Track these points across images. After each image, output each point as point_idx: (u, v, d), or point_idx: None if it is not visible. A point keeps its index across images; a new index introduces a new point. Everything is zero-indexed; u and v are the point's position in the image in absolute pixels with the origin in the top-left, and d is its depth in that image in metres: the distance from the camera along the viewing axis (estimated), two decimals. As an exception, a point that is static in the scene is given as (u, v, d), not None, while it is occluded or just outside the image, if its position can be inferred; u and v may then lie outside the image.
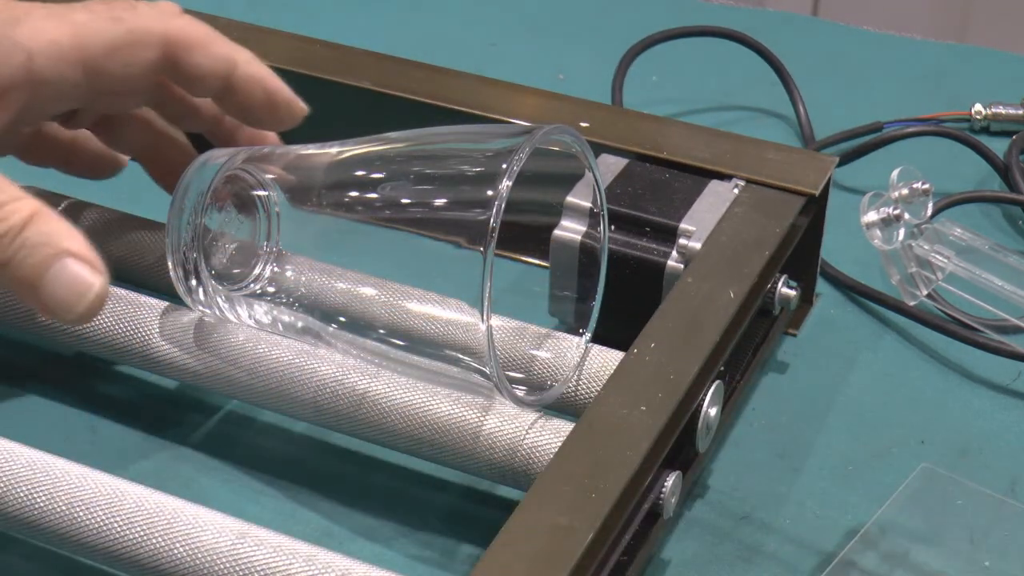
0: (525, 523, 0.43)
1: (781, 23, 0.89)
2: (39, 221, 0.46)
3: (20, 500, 0.47)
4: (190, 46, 0.53)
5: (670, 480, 0.48)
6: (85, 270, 0.45)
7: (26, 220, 0.45)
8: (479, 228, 0.46)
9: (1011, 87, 0.80)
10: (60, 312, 0.46)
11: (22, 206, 0.46)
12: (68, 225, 0.46)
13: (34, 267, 0.45)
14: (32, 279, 0.45)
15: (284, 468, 0.55)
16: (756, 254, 0.54)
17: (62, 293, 0.45)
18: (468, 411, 0.50)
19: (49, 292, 0.45)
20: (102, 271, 0.46)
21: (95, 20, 0.51)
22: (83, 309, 0.46)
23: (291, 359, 0.52)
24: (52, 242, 0.45)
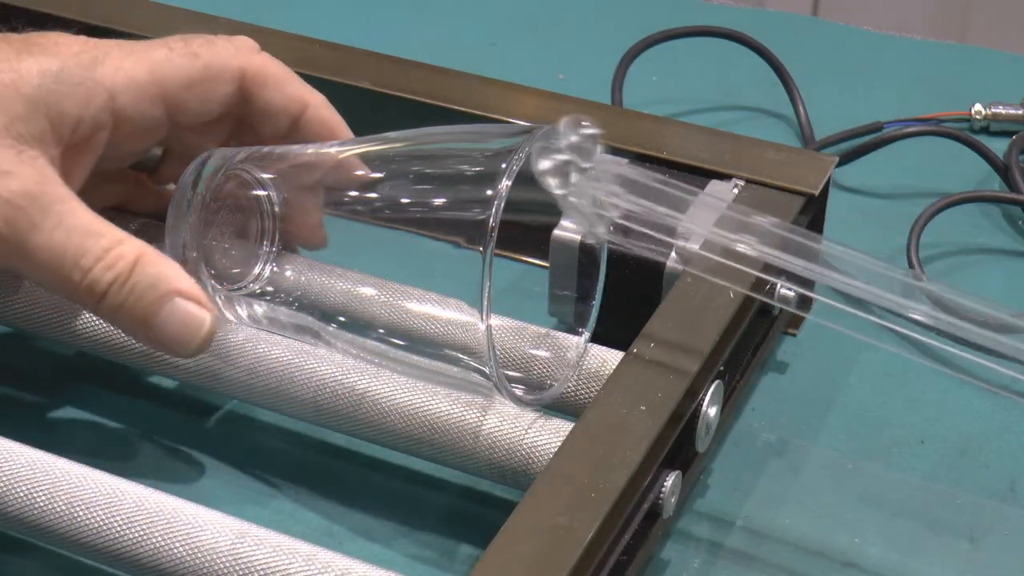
0: (525, 523, 0.43)
1: (781, 23, 0.89)
2: (146, 263, 0.48)
3: (20, 500, 0.47)
4: (265, 82, 0.54)
5: (670, 480, 0.48)
6: (193, 308, 0.48)
7: (132, 264, 0.47)
8: (478, 228, 0.46)
9: (1011, 87, 0.80)
10: (175, 349, 0.48)
11: (127, 250, 0.48)
12: (173, 264, 0.48)
13: (145, 310, 0.48)
14: (144, 321, 0.48)
15: (284, 468, 0.55)
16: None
17: (175, 332, 0.48)
18: (468, 411, 0.50)
19: (163, 332, 0.48)
20: (209, 307, 0.48)
21: (173, 56, 0.52)
22: (197, 345, 0.48)
23: (291, 359, 0.52)
24: (161, 284, 0.48)
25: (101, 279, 0.47)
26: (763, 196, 0.58)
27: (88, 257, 0.47)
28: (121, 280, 0.47)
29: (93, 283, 0.47)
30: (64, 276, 0.47)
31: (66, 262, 0.47)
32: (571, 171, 0.48)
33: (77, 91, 0.49)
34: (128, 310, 0.48)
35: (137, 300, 0.47)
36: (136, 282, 0.47)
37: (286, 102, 0.54)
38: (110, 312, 0.48)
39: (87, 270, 0.47)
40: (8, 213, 0.47)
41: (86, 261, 0.47)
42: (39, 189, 0.47)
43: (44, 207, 0.47)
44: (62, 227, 0.47)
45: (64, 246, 0.47)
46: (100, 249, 0.47)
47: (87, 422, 0.57)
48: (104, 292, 0.47)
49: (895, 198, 0.73)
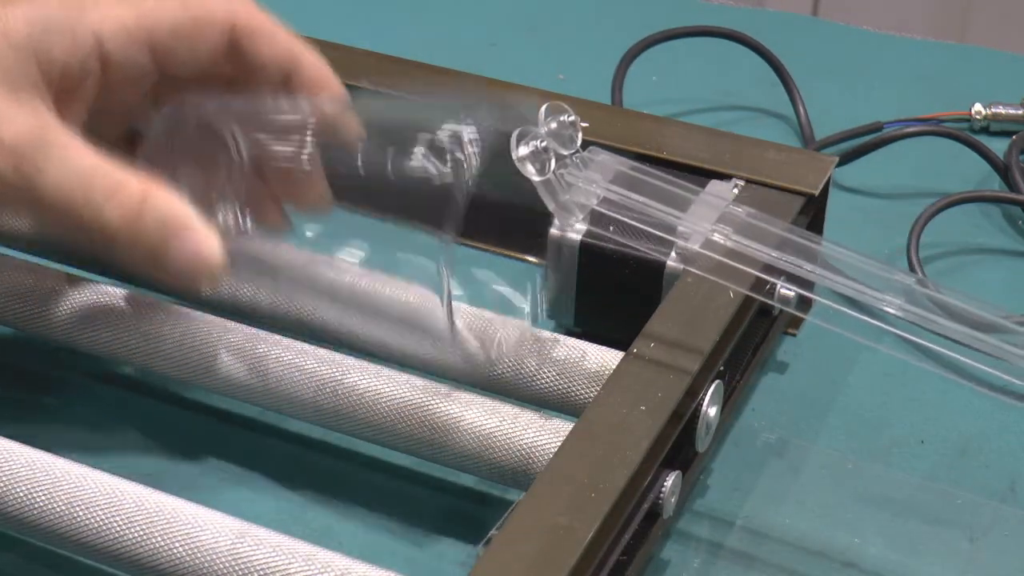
0: (525, 523, 0.43)
1: (781, 23, 0.89)
2: (153, 200, 0.48)
3: (20, 500, 0.47)
4: (254, 33, 0.53)
5: (670, 480, 0.48)
6: (203, 241, 0.48)
7: (140, 202, 0.47)
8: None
9: (1011, 87, 0.80)
10: (187, 283, 0.49)
11: (134, 188, 0.47)
12: (180, 200, 0.48)
13: (156, 246, 0.48)
14: (155, 257, 0.48)
15: (284, 468, 0.55)
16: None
17: (185, 266, 0.48)
18: (468, 411, 0.50)
19: (174, 267, 0.48)
20: (217, 240, 0.48)
21: (162, 4, 0.52)
22: (207, 279, 0.48)
23: (291, 359, 0.52)
24: (169, 220, 0.48)
25: (110, 218, 0.47)
26: (763, 196, 0.58)
27: (96, 197, 0.47)
28: (130, 217, 0.47)
29: (103, 223, 0.47)
30: (74, 217, 0.47)
31: (75, 203, 0.47)
32: (550, 158, 0.48)
33: (65, 37, 0.49)
34: (139, 247, 0.48)
35: (148, 237, 0.47)
36: (145, 219, 0.47)
37: (276, 53, 0.53)
38: (121, 250, 0.48)
39: (97, 209, 0.47)
40: (13, 159, 0.47)
41: (94, 201, 0.47)
42: (40, 133, 0.47)
43: (47, 151, 0.47)
44: (67, 169, 0.47)
45: (72, 187, 0.47)
46: (107, 188, 0.47)
47: (87, 422, 0.57)
48: (114, 231, 0.47)
49: (895, 198, 0.73)
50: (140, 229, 0.47)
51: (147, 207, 0.47)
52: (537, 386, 0.52)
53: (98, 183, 0.47)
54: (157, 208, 0.48)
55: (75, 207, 0.47)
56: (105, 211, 0.47)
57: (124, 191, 0.47)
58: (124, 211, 0.47)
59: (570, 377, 0.51)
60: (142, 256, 0.48)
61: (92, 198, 0.47)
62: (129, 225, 0.47)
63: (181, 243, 0.48)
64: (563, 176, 0.49)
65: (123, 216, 0.47)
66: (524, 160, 0.48)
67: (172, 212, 0.48)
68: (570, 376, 0.51)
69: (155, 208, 0.48)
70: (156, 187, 0.48)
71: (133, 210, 0.47)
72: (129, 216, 0.47)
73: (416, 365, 0.52)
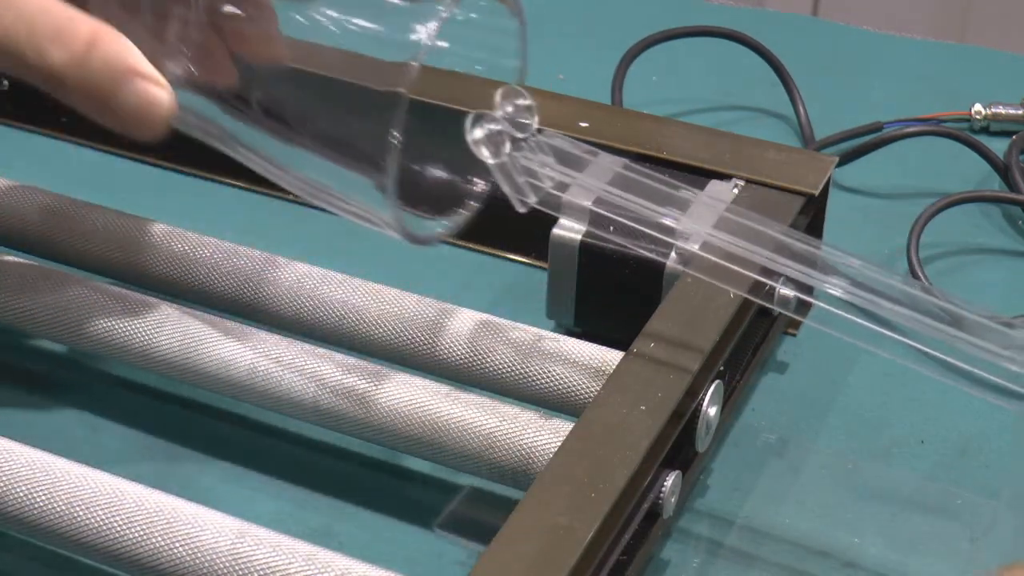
0: (525, 523, 0.43)
1: (781, 23, 0.89)
2: (101, 43, 0.47)
3: (20, 500, 0.47)
4: None
5: (670, 480, 0.48)
6: (152, 88, 0.47)
7: (87, 44, 0.46)
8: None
9: (1011, 87, 0.80)
10: (134, 129, 0.47)
11: (81, 30, 0.46)
12: (129, 43, 0.47)
13: (103, 89, 0.47)
14: (103, 101, 0.47)
15: (284, 468, 0.55)
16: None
17: (133, 112, 0.47)
18: (468, 411, 0.50)
19: (122, 112, 0.47)
20: (168, 87, 0.47)
21: None
22: (157, 124, 0.47)
23: (291, 359, 0.52)
24: (117, 63, 0.47)
25: (56, 60, 0.46)
26: (763, 196, 0.58)
27: (41, 38, 0.46)
28: (76, 60, 0.46)
29: (49, 65, 0.46)
30: (19, 59, 0.46)
31: (20, 44, 0.46)
32: (504, 141, 0.48)
33: None
34: (85, 91, 0.47)
35: (95, 79, 0.46)
36: (92, 62, 0.46)
37: None
38: (67, 93, 0.47)
39: (41, 51, 0.46)
40: None
41: (39, 42, 0.46)
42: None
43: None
44: (12, 9, 0.46)
45: (16, 28, 0.46)
46: (53, 29, 0.46)
47: (87, 422, 0.57)
48: (60, 73, 0.46)
49: (895, 198, 0.73)
50: (87, 73, 0.46)
51: (95, 51, 0.46)
52: (537, 386, 0.52)
53: (44, 23, 0.46)
54: (105, 52, 0.46)
55: (19, 47, 0.46)
56: (51, 53, 0.46)
57: (71, 33, 0.46)
58: (70, 54, 0.46)
59: (570, 377, 0.51)
60: (89, 100, 0.47)
61: (37, 39, 0.46)
62: (76, 68, 0.46)
63: (129, 88, 0.47)
64: (518, 159, 0.49)
65: (70, 59, 0.46)
66: (479, 143, 0.48)
67: (121, 56, 0.47)
68: (570, 376, 0.51)
69: (103, 52, 0.46)
70: (105, 30, 0.47)
71: (79, 53, 0.46)
72: (76, 59, 0.46)
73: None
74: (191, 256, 0.57)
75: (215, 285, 0.57)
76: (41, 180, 0.61)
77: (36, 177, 0.62)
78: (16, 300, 0.55)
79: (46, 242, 0.59)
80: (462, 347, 0.53)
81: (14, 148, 0.73)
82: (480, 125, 0.48)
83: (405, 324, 0.54)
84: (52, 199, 0.60)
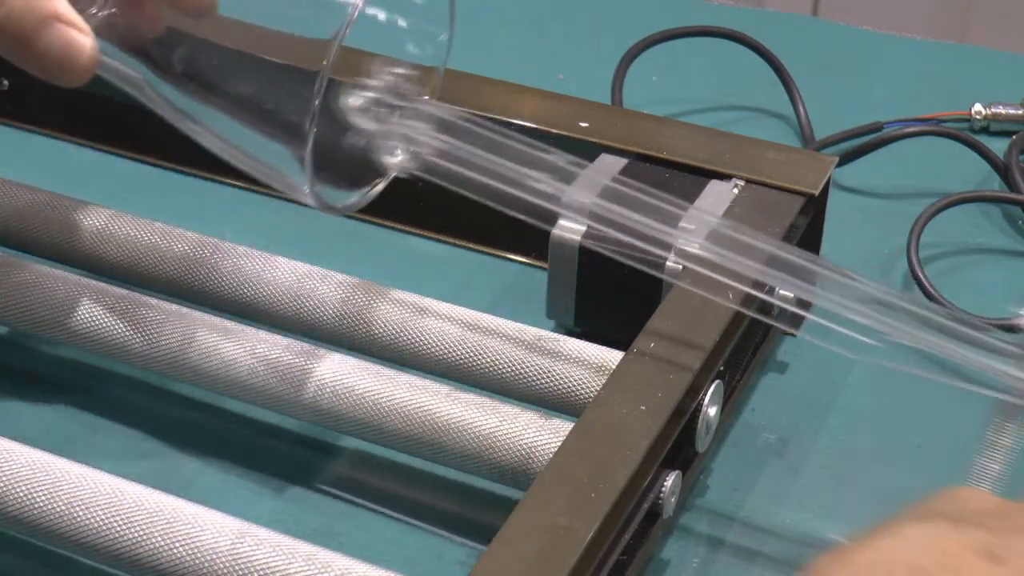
0: (525, 523, 0.43)
1: (781, 23, 0.89)
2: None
3: (20, 500, 0.47)
4: None
5: (670, 480, 0.48)
6: (74, 34, 0.47)
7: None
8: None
9: (1011, 87, 0.80)
10: (57, 75, 0.47)
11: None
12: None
13: (25, 33, 0.46)
14: (24, 45, 0.46)
15: (284, 468, 0.55)
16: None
17: (56, 56, 0.47)
18: (468, 411, 0.50)
19: (44, 57, 0.47)
20: (89, 32, 0.47)
21: None
22: (79, 70, 0.47)
23: (291, 359, 0.52)
24: (37, 8, 0.46)
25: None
26: (763, 196, 0.58)
27: None
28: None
29: None
30: None
31: None
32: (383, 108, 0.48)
33: None
34: (7, 34, 0.46)
35: (15, 23, 0.46)
36: (13, 4, 0.46)
37: None
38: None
39: None
40: None
41: None
42: None
43: None
44: None
45: None
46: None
47: (87, 422, 0.57)
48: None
49: (895, 198, 0.73)
50: (7, 13, 0.46)
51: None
52: (537, 386, 0.52)
53: None
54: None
55: None
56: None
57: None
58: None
59: (570, 377, 0.51)
60: (9, 44, 0.46)
61: None
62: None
63: (51, 33, 0.46)
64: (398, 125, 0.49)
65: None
66: (357, 111, 0.48)
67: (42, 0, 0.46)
68: (570, 376, 0.51)
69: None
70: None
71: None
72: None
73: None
74: (191, 256, 0.57)
75: (215, 285, 0.57)
76: (41, 180, 0.61)
77: (36, 177, 0.62)
78: (16, 300, 0.55)
79: (47, 242, 0.59)
80: (462, 347, 0.53)
81: (14, 148, 0.73)
82: (357, 94, 0.48)
83: (405, 324, 0.54)
84: (51, 198, 0.60)
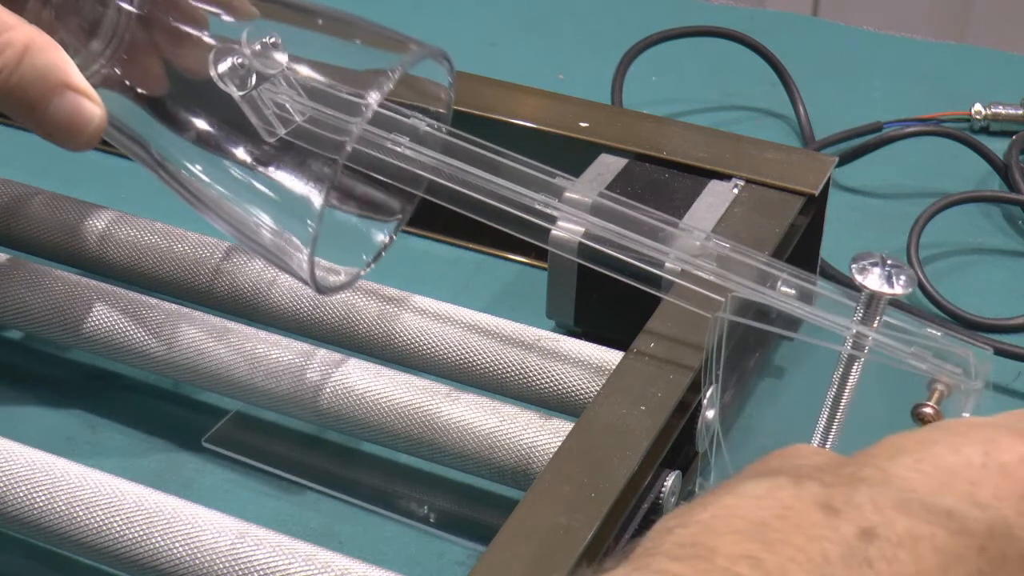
0: (525, 523, 0.43)
1: (781, 23, 0.89)
2: (36, 52, 0.46)
3: (20, 500, 0.47)
4: None
5: (670, 480, 0.48)
6: (84, 103, 0.47)
7: (22, 52, 0.46)
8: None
9: (1011, 87, 0.80)
10: (63, 142, 0.47)
11: (16, 37, 0.46)
12: (63, 54, 0.47)
13: (34, 99, 0.46)
14: (32, 110, 0.47)
15: (284, 468, 0.55)
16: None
17: (64, 124, 0.47)
18: (468, 411, 0.50)
19: (51, 123, 0.47)
20: (99, 103, 0.47)
21: None
22: (85, 139, 0.47)
23: (291, 359, 0.52)
24: (49, 75, 0.46)
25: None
26: (763, 196, 0.58)
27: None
28: (8, 70, 0.46)
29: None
30: None
31: None
32: (250, 75, 0.49)
33: None
34: (16, 98, 0.46)
35: (26, 89, 0.46)
36: (24, 72, 0.46)
37: None
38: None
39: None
40: None
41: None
42: None
43: None
44: None
45: None
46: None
47: (87, 422, 0.57)
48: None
49: (895, 198, 0.73)
50: (19, 80, 0.46)
51: (28, 59, 0.46)
52: (537, 386, 0.52)
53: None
54: (39, 61, 0.46)
55: None
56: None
57: (4, 40, 0.46)
58: (3, 61, 0.46)
59: (570, 377, 0.51)
60: (19, 108, 0.47)
61: None
62: (7, 75, 0.46)
63: (61, 101, 0.47)
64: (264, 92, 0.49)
65: (2, 66, 0.46)
66: (224, 77, 0.48)
67: (54, 67, 0.46)
68: (570, 376, 0.51)
69: (37, 61, 0.46)
70: (40, 39, 0.47)
71: (13, 59, 0.46)
72: (8, 66, 0.46)
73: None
74: (191, 256, 0.57)
75: (216, 285, 0.57)
76: (41, 180, 0.61)
77: (37, 177, 0.62)
78: (16, 300, 0.55)
79: (47, 242, 0.59)
80: (462, 347, 0.53)
81: (14, 148, 0.73)
82: (224, 59, 0.48)
83: (405, 324, 0.54)
84: (51, 198, 0.60)
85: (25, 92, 0.46)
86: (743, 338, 0.54)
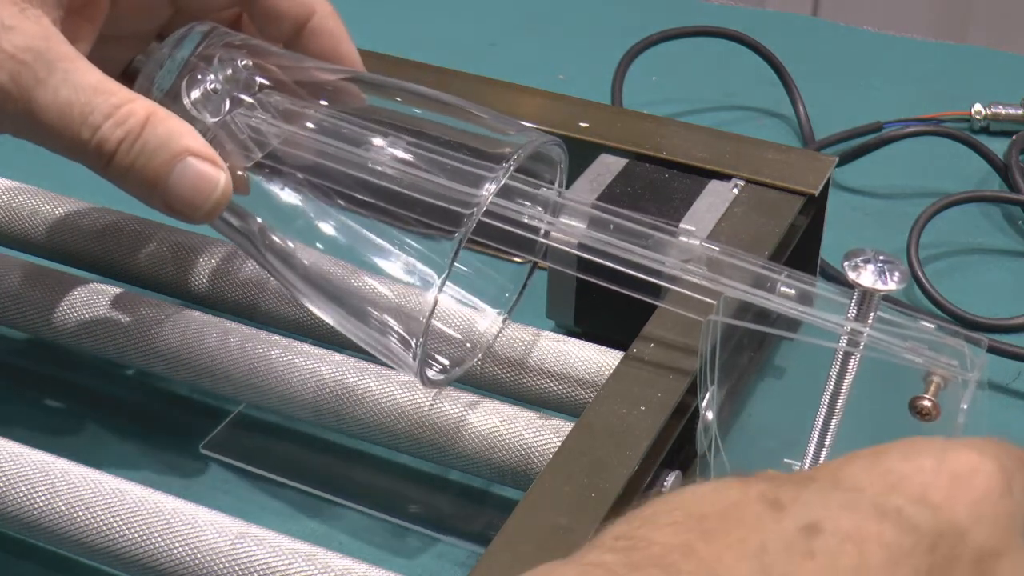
0: (525, 523, 0.43)
1: (781, 23, 0.89)
2: (157, 122, 0.46)
3: (20, 500, 0.47)
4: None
5: (670, 480, 0.48)
6: (208, 167, 0.46)
7: (143, 122, 0.46)
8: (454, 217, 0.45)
9: (1011, 87, 0.80)
10: (187, 212, 0.47)
11: (137, 108, 0.46)
12: (184, 123, 0.47)
13: (157, 170, 0.46)
14: (156, 181, 0.46)
15: (283, 473, 0.55)
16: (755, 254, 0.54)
17: (188, 193, 0.46)
18: (468, 411, 0.50)
19: (175, 193, 0.46)
20: (223, 166, 0.47)
21: None
22: (210, 207, 0.46)
23: (291, 359, 0.52)
24: (172, 142, 0.46)
25: (110, 137, 0.46)
26: (763, 196, 0.58)
27: (97, 115, 0.46)
28: (131, 138, 0.46)
29: (102, 141, 0.46)
30: (72, 135, 0.46)
31: (74, 120, 0.46)
32: (223, 100, 0.48)
33: None
34: (139, 171, 0.46)
35: (148, 160, 0.46)
36: (147, 141, 0.46)
37: (294, 4, 0.51)
38: (120, 173, 0.46)
39: (95, 128, 0.46)
40: (12, 68, 0.45)
41: (95, 119, 0.46)
42: (44, 45, 0.46)
43: (49, 63, 0.45)
44: (69, 84, 0.46)
45: (71, 103, 0.46)
46: (109, 106, 0.46)
47: (87, 422, 0.57)
48: (113, 151, 0.46)
49: (895, 198, 0.73)
50: (140, 151, 0.46)
51: (149, 128, 0.46)
52: (537, 386, 0.52)
53: (100, 100, 0.46)
54: (160, 128, 0.46)
55: (72, 123, 0.46)
56: (104, 129, 0.46)
57: (127, 110, 0.46)
58: (125, 130, 0.46)
59: (570, 377, 0.52)
60: (140, 181, 0.46)
61: (92, 115, 0.46)
62: (129, 146, 0.46)
63: (185, 168, 0.46)
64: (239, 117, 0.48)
65: (123, 136, 0.46)
66: (196, 104, 0.48)
67: (177, 133, 0.46)
68: (570, 376, 0.52)
69: (160, 130, 0.46)
70: (160, 110, 0.46)
71: (134, 131, 0.46)
72: (130, 137, 0.46)
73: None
74: (192, 256, 0.57)
75: (216, 285, 0.57)
76: (41, 180, 0.61)
77: (36, 177, 0.62)
78: (16, 300, 0.55)
79: (47, 242, 0.59)
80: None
81: (14, 148, 0.72)
82: (196, 86, 0.48)
83: (405, 324, 0.54)
84: (51, 198, 0.60)
85: (148, 162, 0.46)
86: (741, 339, 0.54)
